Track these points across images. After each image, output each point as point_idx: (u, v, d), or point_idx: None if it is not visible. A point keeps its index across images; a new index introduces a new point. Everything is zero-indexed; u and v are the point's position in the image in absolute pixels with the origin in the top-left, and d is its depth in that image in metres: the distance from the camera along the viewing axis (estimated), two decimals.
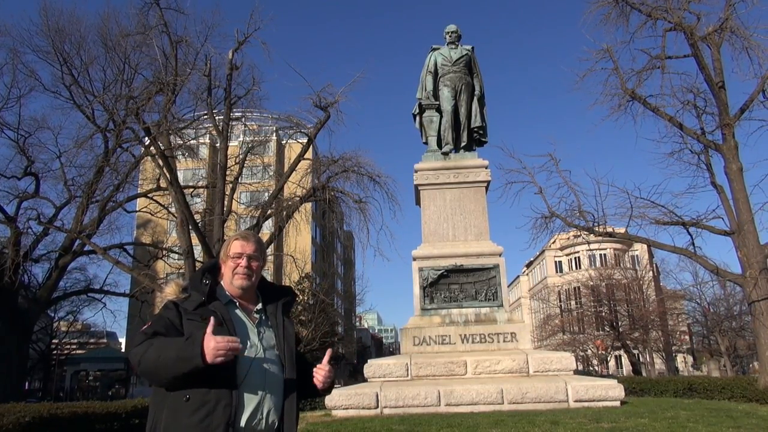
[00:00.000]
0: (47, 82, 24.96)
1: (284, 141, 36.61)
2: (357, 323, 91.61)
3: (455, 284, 13.61)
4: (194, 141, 25.72)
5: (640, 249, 55.71)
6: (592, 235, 18.07)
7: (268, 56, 55.17)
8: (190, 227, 19.51)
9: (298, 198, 20.97)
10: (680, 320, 47.65)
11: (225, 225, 20.68)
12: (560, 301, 55.57)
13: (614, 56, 16.19)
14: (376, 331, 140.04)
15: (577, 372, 17.65)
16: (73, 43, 23.50)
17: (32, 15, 48.09)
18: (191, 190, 26.48)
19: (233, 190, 22.20)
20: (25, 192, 26.30)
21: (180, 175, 22.24)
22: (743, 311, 37.22)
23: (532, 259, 76.57)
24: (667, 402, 12.61)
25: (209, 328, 2.34)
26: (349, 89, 21.33)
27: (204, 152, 34.19)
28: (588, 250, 56.52)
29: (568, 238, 30.71)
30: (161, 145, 18.99)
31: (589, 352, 47.66)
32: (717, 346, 42.96)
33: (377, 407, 10.86)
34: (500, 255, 13.86)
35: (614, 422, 8.63)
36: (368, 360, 13.18)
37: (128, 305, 43.18)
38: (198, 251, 21.03)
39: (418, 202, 15.09)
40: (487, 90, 16.38)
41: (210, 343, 2.29)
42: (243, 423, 2.42)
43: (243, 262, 2.69)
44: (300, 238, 30.31)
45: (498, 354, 12.25)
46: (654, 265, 49.71)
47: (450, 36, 15.94)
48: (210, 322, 2.36)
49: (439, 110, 15.54)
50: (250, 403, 2.46)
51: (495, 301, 13.45)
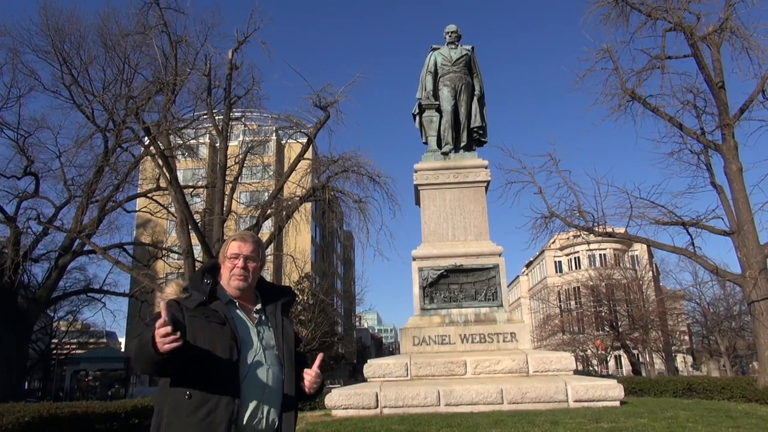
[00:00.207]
0: (47, 82, 25.05)
1: (284, 141, 36.63)
2: (357, 323, 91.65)
3: (455, 284, 13.60)
4: (194, 141, 25.72)
5: (640, 249, 55.71)
6: (592, 235, 18.06)
7: (268, 56, 55.22)
8: (190, 227, 19.51)
9: (298, 198, 20.96)
10: (680, 320, 47.67)
11: (225, 225, 20.68)
12: (560, 301, 55.59)
13: (614, 56, 16.20)
14: (376, 331, 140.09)
15: (577, 372, 17.64)
16: (73, 43, 23.56)
17: (32, 15, 48.15)
18: (191, 190, 26.49)
19: (233, 190, 22.20)
20: (25, 192, 26.33)
21: (180, 175, 22.23)
22: (743, 311, 37.23)
23: (532, 259, 76.59)
24: (667, 402, 12.60)
25: (161, 319, 2.25)
26: (349, 89, 21.35)
27: (204, 152, 34.18)
28: (588, 250, 56.56)
29: (568, 238, 30.70)
30: (161, 145, 18.99)
31: (589, 352, 47.70)
32: (716, 346, 42.97)
33: (377, 407, 10.86)
34: (500, 255, 13.86)
35: (614, 422, 8.63)
36: (368, 360, 13.17)
37: (128, 305, 43.26)
38: (198, 251, 21.03)
39: (418, 202, 15.08)
40: (487, 90, 16.38)
41: (156, 333, 2.24)
42: (244, 422, 2.44)
43: (240, 263, 2.69)
44: (300, 238, 30.31)
45: (498, 354, 12.25)
46: (654, 265, 49.71)
47: (450, 36, 15.92)
48: (162, 311, 2.27)
49: (439, 110, 15.52)
50: (251, 403, 2.47)
51: (495, 301, 13.45)
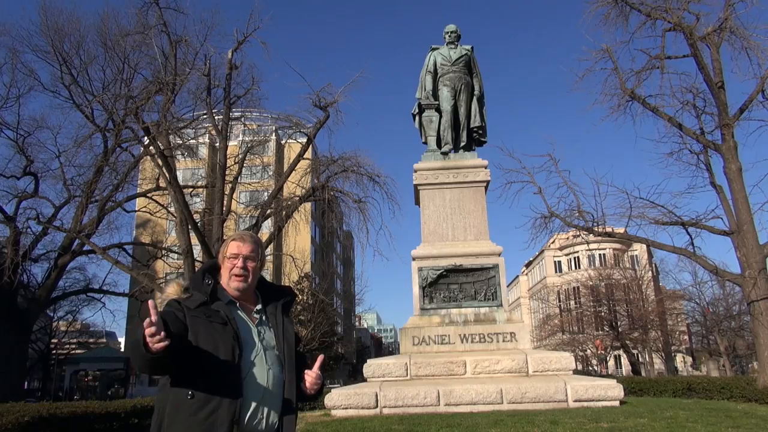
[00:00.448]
0: (46, 82, 25.04)
1: (284, 141, 36.66)
2: (356, 323, 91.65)
3: (454, 284, 13.60)
4: (193, 141, 25.72)
5: (640, 249, 55.76)
6: (592, 235, 18.08)
7: (268, 56, 55.28)
8: (190, 227, 19.50)
9: (298, 198, 20.95)
10: (679, 320, 47.71)
11: (224, 225, 20.67)
12: (559, 301, 55.60)
13: (614, 56, 16.20)
14: (376, 331, 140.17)
15: (577, 372, 17.64)
16: (73, 43, 23.55)
17: (31, 14, 48.11)
18: (190, 190, 26.46)
19: (232, 190, 22.19)
20: (25, 191, 26.31)
21: (179, 175, 22.21)
22: (742, 311, 37.26)
23: (532, 259, 76.61)
24: (666, 402, 12.61)
25: (147, 319, 2.19)
26: (349, 89, 21.27)
27: (203, 152, 34.16)
28: (587, 250, 56.56)
29: (568, 238, 30.66)
30: (160, 145, 18.98)
31: (589, 352, 47.70)
32: (716, 346, 42.98)
33: (376, 407, 10.86)
34: (499, 255, 13.86)
35: (613, 422, 8.63)
36: (367, 360, 13.16)
37: (127, 305, 43.30)
38: (197, 251, 21.02)
39: (418, 202, 15.08)
40: (487, 90, 16.38)
41: (146, 338, 2.19)
42: (245, 422, 2.44)
43: (239, 263, 2.69)
44: (299, 238, 30.33)
45: (497, 354, 12.25)
46: (653, 265, 49.74)
47: (449, 36, 15.92)
48: (150, 310, 2.20)
49: (439, 110, 15.52)
50: (251, 403, 2.47)
51: (494, 301, 13.45)
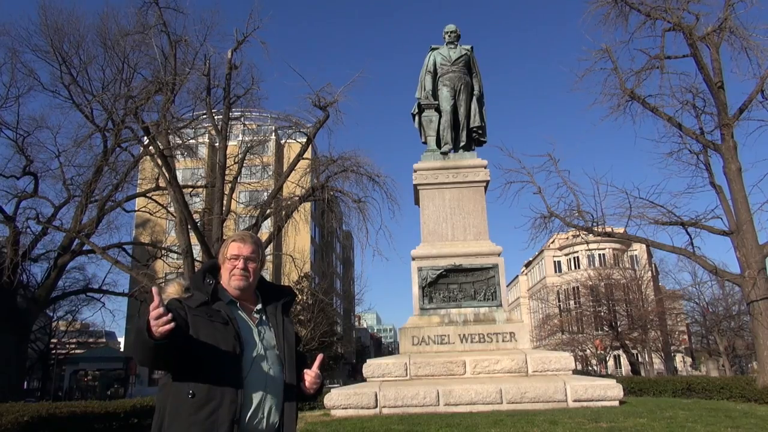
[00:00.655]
0: (46, 82, 25.04)
1: (283, 140, 36.65)
2: (356, 323, 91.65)
3: (454, 284, 13.60)
4: (193, 140, 25.71)
5: (639, 249, 55.76)
6: (591, 235, 18.07)
7: (268, 56, 55.31)
8: (189, 227, 19.50)
9: (297, 198, 20.94)
10: (679, 320, 47.71)
11: (224, 224, 20.67)
12: (559, 301, 55.61)
13: (613, 56, 16.19)
14: (375, 331, 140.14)
15: (576, 372, 17.66)
16: (72, 43, 23.54)
17: (31, 14, 48.10)
18: (190, 190, 26.45)
19: (232, 190, 22.18)
20: (24, 191, 26.31)
21: (179, 175, 22.21)
22: (742, 311, 37.24)
23: (531, 259, 76.62)
24: (666, 402, 12.62)
25: (153, 302, 2.20)
26: (349, 89, 21.29)
27: (203, 152, 34.11)
28: (587, 250, 56.58)
29: (567, 238, 30.72)
30: (160, 145, 18.98)
31: (588, 352, 47.70)
32: (716, 346, 42.98)
33: (376, 407, 10.86)
34: (499, 255, 13.87)
35: (613, 422, 8.64)
36: (367, 360, 13.17)
37: (127, 305, 43.31)
38: (197, 251, 21.01)
39: (418, 202, 15.09)
40: (487, 89, 16.39)
41: (149, 317, 2.20)
42: (245, 421, 2.44)
43: (240, 264, 2.68)
44: (299, 238, 30.27)
45: (497, 354, 12.25)
46: (653, 265, 49.73)
47: (449, 36, 15.93)
48: (155, 297, 2.21)
49: (438, 110, 15.53)
50: (252, 403, 2.47)
51: (494, 301, 13.46)
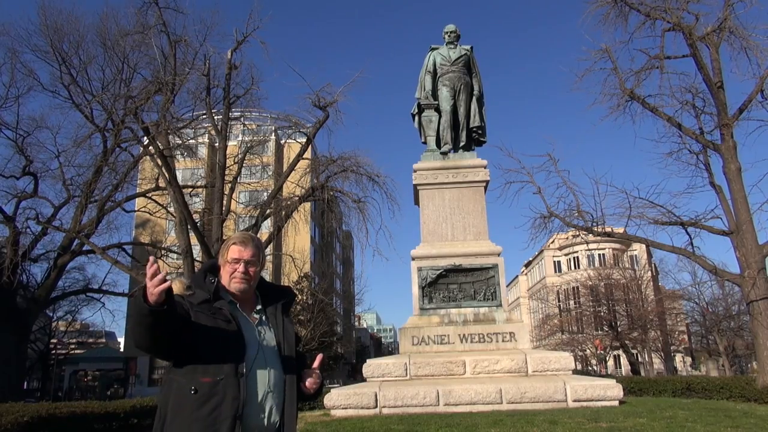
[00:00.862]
0: (46, 82, 25.02)
1: (283, 140, 36.66)
2: (356, 323, 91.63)
3: (454, 284, 13.61)
4: (193, 140, 25.72)
5: (639, 249, 55.76)
6: (591, 235, 18.06)
7: (267, 56, 55.33)
8: (189, 227, 19.51)
9: (297, 198, 20.94)
10: (679, 320, 47.71)
11: (224, 224, 20.67)
12: (559, 301, 55.61)
13: (613, 56, 16.19)
14: (375, 331, 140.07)
15: (576, 372, 17.65)
16: (72, 43, 23.52)
17: (31, 14, 48.08)
18: (190, 190, 26.45)
19: (232, 190, 22.18)
20: (24, 191, 26.30)
21: (179, 175, 22.21)
22: (741, 311, 37.23)
23: (531, 259, 76.62)
24: (666, 402, 12.62)
25: (149, 263, 2.25)
26: (348, 89, 21.33)
27: (203, 152, 34.13)
28: (587, 250, 56.57)
29: (567, 238, 30.67)
30: (160, 145, 18.98)
31: (588, 352, 47.71)
32: (715, 346, 42.98)
33: (376, 407, 10.86)
34: (499, 255, 13.87)
35: (613, 422, 8.64)
36: (367, 360, 13.17)
37: (127, 305, 43.14)
38: (197, 251, 21.01)
39: (417, 202, 15.09)
40: (486, 89, 16.40)
41: (146, 278, 2.24)
42: (247, 419, 2.44)
43: (241, 268, 2.68)
44: (299, 238, 30.29)
45: (497, 354, 12.26)
46: (652, 265, 49.73)
47: (449, 36, 15.94)
48: (150, 264, 2.25)
49: (438, 110, 15.53)
50: (253, 402, 2.47)
51: (494, 301, 13.46)
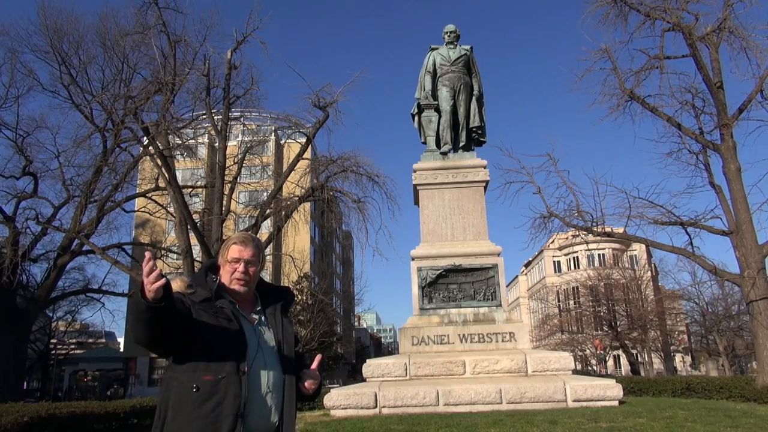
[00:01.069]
0: (45, 82, 25.02)
1: (283, 141, 36.63)
2: (356, 323, 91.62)
3: (454, 284, 13.61)
4: (193, 141, 25.70)
5: (639, 249, 55.78)
6: (591, 235, 18.07)
7: (267, 56, 55.41)
8: (189, 227, 19.51)
9: (297, 198, 20.94)
10: (678, 320, 47.73)
11: (224, 225, 20.68)
12: (559, 301, 55.63)
13: (613, 56, 16.19)
14: (375, 331, 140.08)
15: (576, 372, 17.66)
16: (72, 43, 23.51)
17: (31, 14, 48.05)
18: (190, 190, 26.46)
19: (232, 190, 22.19)
20: (24, 192, 26.31)
21: (178, 175, 22.22)
22: (741, 311, 37.25)
23: (531, 259, 76.65)
24: (666, 402, 12.62)
25: (146, 259, 2.21)
26: (348, 89, 21.36)
27: (202, 152, 34.12)
28: (586, 250, 56.56)
29: (567, 238, 30.66)
30: (160, 145, 18.99)
31: (588, 352, 47.74)
32: (715, 346, 43.00)
33: (376, 407, 10.86)
34: (499, 255, 13.87)
35: (612, 422, 8.64)
36: (367, 360, 13.17)
37: (127, 305, 43.20)
38: (197, 251, 21.02)
39: (417, 202, 15.09)
40: (486, 89, 16.39)
41: (143, 274, 2.21)
42: (247, 418, 2.43)
43: (240, 268, 2.68)
44: (299, 238, 30.28)
45: (496, 354, 12.26)
46: (652, 265, 49.73)
47: (449, 36, 15.93)
48: (146, 261, 2.21)
49: (438, 110, 15.53)
50: (252, 402, 2.47)
51: (493, 301, 13.46)
